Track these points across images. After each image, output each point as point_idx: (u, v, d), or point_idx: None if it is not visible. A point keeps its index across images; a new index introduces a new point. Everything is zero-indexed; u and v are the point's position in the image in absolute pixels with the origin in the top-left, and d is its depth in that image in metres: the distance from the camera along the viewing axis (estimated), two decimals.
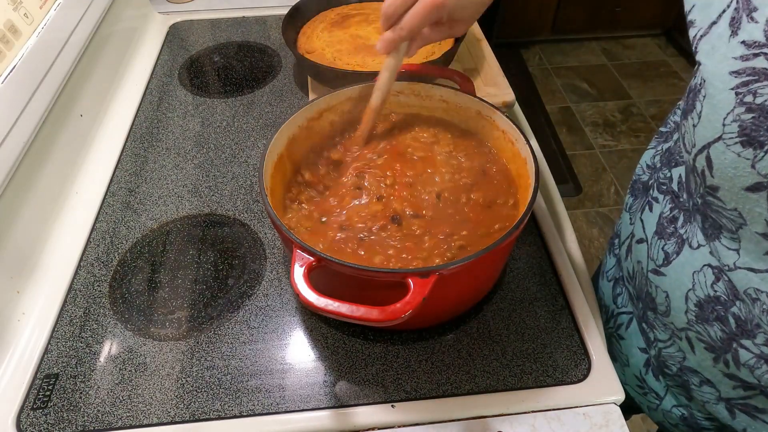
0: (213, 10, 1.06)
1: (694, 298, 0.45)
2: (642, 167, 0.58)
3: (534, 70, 2.58)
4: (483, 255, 0.45)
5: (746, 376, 0.43)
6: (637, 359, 0.58)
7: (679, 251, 0.46)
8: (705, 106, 0.37)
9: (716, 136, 0.36)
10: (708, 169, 0.38)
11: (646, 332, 0.55)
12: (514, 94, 0.76)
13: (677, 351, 0.50)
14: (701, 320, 0.45)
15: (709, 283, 0.43)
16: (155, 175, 0.74)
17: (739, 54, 0.34)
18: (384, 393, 0.51)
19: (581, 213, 1.96)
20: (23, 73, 0.61)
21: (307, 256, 0.44)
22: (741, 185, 0.36)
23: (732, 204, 0.38)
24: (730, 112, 0.35)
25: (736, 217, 0.38)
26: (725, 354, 0.44)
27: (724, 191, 0.38)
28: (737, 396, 0.46)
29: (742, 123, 0.34)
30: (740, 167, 0.35)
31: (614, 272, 0.64)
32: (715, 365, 0.46)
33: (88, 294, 0.60)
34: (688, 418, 0.54)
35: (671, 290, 0.47)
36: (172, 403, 0.51)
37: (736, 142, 0.35)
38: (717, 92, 0.35)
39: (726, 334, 0.43)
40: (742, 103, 0.34)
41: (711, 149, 0.37)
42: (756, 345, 0.41)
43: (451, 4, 0.49)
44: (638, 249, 0.52)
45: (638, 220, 0.53)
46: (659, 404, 0.57)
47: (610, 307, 0.63)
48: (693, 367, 0.49)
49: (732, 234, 0.39)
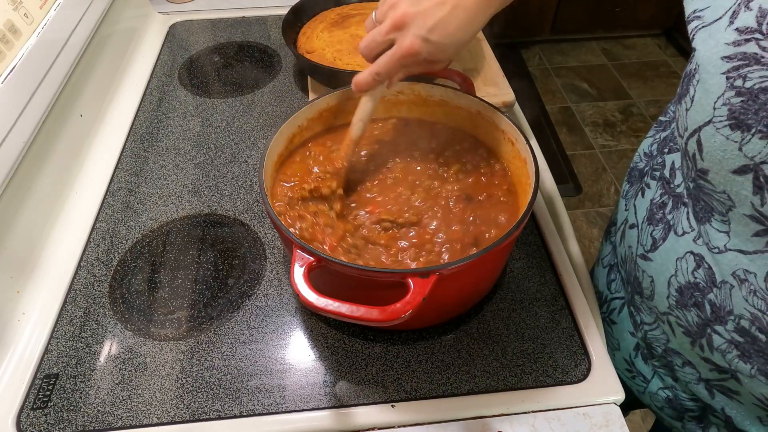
0: (213, 10, 1.06)
1: (676, 284, 0.46)
2: (639, 155, 0.59)
3: (534, 70, 2.58)
4: (483, 255, 0.45)
5: (719, 360, 0.45)
6: (627, 343, 0.59)
7: (665, 237, 0.47)
8: (698, 90, 0.38)
9: (707, 119, 0.37)
10: (699, 152, 0.39)
11: (633, 315, 0.56)
12: (514, 94, 0.76)
13: (661, 333, 0.52)
14: (681, 305, 0.46)
15: (690, 270, 0.44)
16: (155, 175, 0.74)
17: (731, 40, 0.35)
18: (384, 393, 0.51)
19: (581, 213, 1.96)
20: (23, 73, 0.61)
21: (307, 256, 0.44)
22: (729, 168, 0.37)
23: (721, 187, 0.39)
24: (720, 96, 0.36)
25: (726, 199, 0.39)
26: (700, 339, 0.45)
27: (713, 174, 0.39)
28: (714, 378, 0.47)
29: (732, 106, 0.35)
30: (728, 150, 0.36)
31: (609, 259, 0.65)
32: (692, 348, 0.47)
33: (88, 294, 0.60)
34: (672, 400, 0.56)
35: (656, 275, 0.48)
36: (172, 403, 0.51)
37: (725, 125, 0.36)
38: (709, 77, 0.36)
39: (701, 320, 0.44)
40: (732, 87, 0.35)
41: (702, 132, 0.38)
42: (727, 331, 0.42)
43: (425, 51, 0.47)
44: (630, 234, 0.53)
45: (632, 206, 0.54)
46: (646, 387, 0.59)
47: (603, 292, 0.64)
48: (675, 349, 0.50)
49: (722, 217, 0.40)
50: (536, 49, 2.69)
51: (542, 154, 0.72)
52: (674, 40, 2.69)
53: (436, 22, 0.45)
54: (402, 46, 0.47)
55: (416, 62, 0.48)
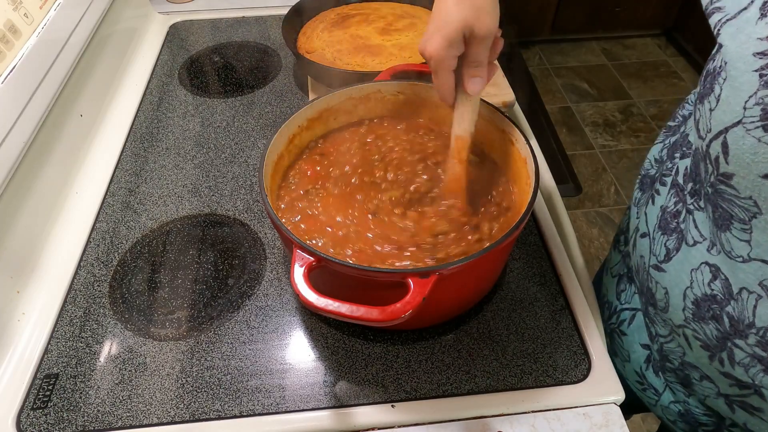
0: (213, 10, 1.06)
1: (692, 296, 0.44)
2: (650, 161, 0.58)
3: (534, 70, 2.58)
4: (483, 255, 0.45)
5: (741, 375, 0.43)
6: (638, 355, 0.58)
7: (678, 247, 0.46)
8: (725, 89, 0.35)
9: (736, 120, 0.35)
10: (723, 155, 0.37)
11: (648, 327, 0.55)
12: (514, 94, 0.76)
13: (677, 347, 0.50)
14: (698, 318, 0.44)
15: (706, 282, 0.43)
16: (155, 175, 0.74)
17: (765, 35, 0.32)
18: (384, 393, 0.51)
19: (581, 213, 1.96)
20: (23, 73, 0.61)
21: (307, 256, 0.44)
22: (758, 172, 0.35)
23: (747, 192, 0.37)
24: (752, 95, 0.33)
25: (751, 206, 0.37)
26: (720, 353, 0.44)
27: (738, 178, 0.37)
28: (734, 393, 0.46)
29: (766, 106, 0.33)
30: (760, 153, 0.34)
31: (619, 268, 0.64)
32: (711, 363, 0.45)
33: (88, 294, 0.60)
34: (685, 414, 0.55)
35: (670, 287, 0.47)
36: (172, 403, 0.51)
37: (758, 126, 0.34)
38: (739, 74, 0.34)
39: (720, 333, 0.43)
40: (766, 85, 0.33)
41: (728, 134, 0.36)
42: (749, 345, 0.41)
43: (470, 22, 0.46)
44: (641, 243, 0.52)
45: (643, 214, 0.53)
46: (658, 400, 0.57)
47: (613, 303, 0.63)
48: (692, 363, 0.49)
49: (743, 225, 0.38)
50: (536, 49, 2.69)
51: (542, 154, 0.72)
52: (674, 40, 2.69)
53: None
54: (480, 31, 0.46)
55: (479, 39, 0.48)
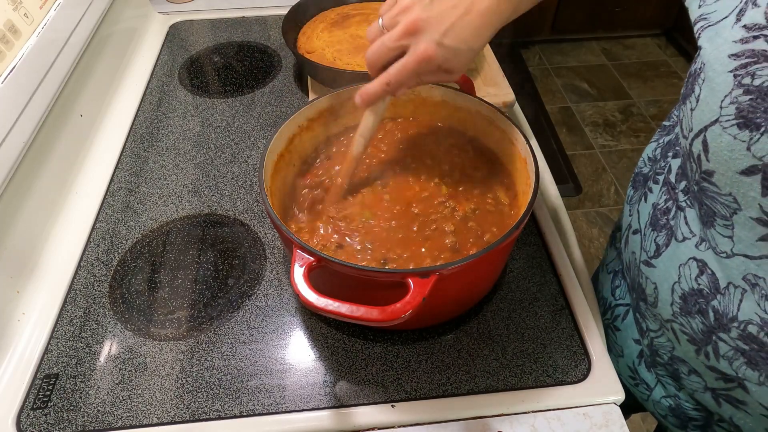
0: (213, 10, 1.06)
1: (679, 291, 0.45)
2: (644, 160, 0.59)
3: (534, 70, 2.58)
4: (483, 255, 0.45)
5: (725, 368, 0.44)
6: (631, 350, 0.59)
7: (668, 243, 0.46)
8: (703, 89, 0.37)
9: (713, 119, 0.36)
10: (704, 153, 0.38)
11: (639, 322, 0.56)
12: (514, 94, 0.76)
13: (666, 341, 0.51)
14: (685, 312, 0.45)
15: (693, 276, 0.44)
16: (155, 175, 0.74)
17: (739, 37, 0.34)
18: (384, 393, 0.51)
19: (581, 213, 1.96)
20: (23, 73, 0.61)
21: (307, 256, 0.44)
22: (736, 168, 0.36)
23: (727, 189, 0.38)
24: (727, 95, 0.35)
25: (731, 202, 0.38)
26: (706, 346, 0.45)
27: (719, 175, 0.38)
28: (720, 387, 0.47)
29: (740, 105, 0.34)
30: (736, 150, 0.35)
31: (614, 265, 0.65)
32: (697, 357, 0.46)
33: (88, 294, 0.60)
34: (675, 409, 0.55)
35: (659, 282, 0.48)
36: (172, 403, 0.51)
37: (733, 125, 0.35)
38: (716, 75, 0.36)
39: (706, 327, 0.44)
40: (740, 85, 0.34)
41: (708, 132, 0.37)
42: (731, 338, 0.42)
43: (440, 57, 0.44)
44: (633, 240, 0.53)
45: (635, 212, 0.54)
46: (650, 395, 0.58)
47: (608, 299, 0.64)
48: (681, 357, 0.50)
49: (725, 221, 0.40)
50: (536, 49, 2.69)
51: (542, 154, 0.72)
52: (674, 40, 2.69)
53: (450, 25, 0.43)
54: (416, 51, 0.45)
55: (430, 70, 0.46)
